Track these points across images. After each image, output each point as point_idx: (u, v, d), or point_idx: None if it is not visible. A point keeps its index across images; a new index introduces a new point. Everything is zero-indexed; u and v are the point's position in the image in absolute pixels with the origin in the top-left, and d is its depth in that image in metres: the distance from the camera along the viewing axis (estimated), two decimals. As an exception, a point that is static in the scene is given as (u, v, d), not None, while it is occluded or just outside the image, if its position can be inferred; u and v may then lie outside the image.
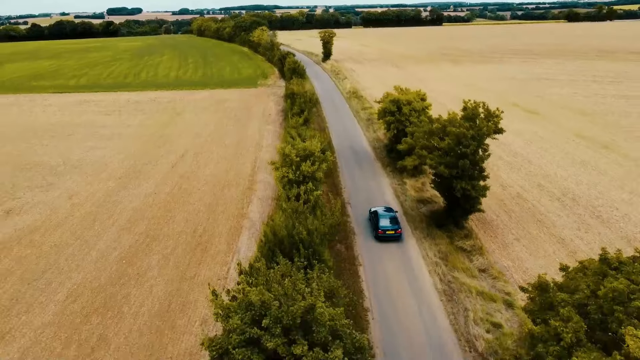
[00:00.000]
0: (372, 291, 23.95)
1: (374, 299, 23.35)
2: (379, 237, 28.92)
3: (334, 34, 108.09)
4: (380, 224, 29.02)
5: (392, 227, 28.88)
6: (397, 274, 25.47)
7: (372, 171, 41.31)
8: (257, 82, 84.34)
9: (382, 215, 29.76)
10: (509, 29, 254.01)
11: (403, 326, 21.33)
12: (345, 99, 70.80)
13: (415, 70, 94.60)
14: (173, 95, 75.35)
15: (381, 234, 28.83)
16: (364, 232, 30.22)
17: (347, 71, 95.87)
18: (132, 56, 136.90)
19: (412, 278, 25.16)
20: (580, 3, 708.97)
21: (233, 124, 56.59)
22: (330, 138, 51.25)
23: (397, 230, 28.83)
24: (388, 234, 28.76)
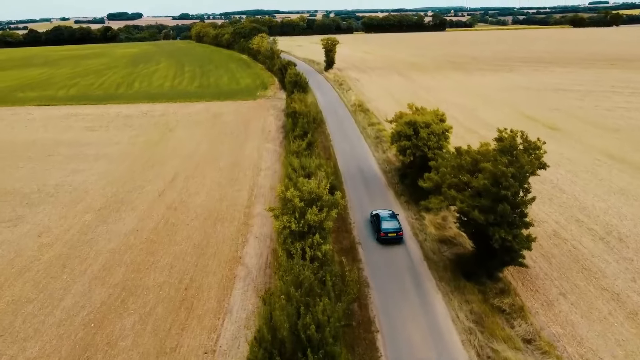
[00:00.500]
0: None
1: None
2: (380, 240, 29.93)
3: (337, 41, 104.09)
4: (383, 227, 29.92)
5: (394, 229, 29.87)
6: (424, 346, 20.93)
7: (384, 200, 36.88)
8: (256, 94, 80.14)
9: (384, 218, 30.70)
10: (513, 35, 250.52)
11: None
12: (350, 113, 66.50)
13: (423, 80, 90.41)
14: (166, 107, 71.12)
15: (383, 236, 29.81)
16: (381, 282, 25.73)
17: (351, 81, 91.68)
18: (128, 64, 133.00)
19: (443, 350, 20.64)
20: (581, 7, 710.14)
21: (229, 142, 52.25)
22: (336, 159, 47.00)
23: (398, 232, 29.85)
24: (390, 236, 29.75)
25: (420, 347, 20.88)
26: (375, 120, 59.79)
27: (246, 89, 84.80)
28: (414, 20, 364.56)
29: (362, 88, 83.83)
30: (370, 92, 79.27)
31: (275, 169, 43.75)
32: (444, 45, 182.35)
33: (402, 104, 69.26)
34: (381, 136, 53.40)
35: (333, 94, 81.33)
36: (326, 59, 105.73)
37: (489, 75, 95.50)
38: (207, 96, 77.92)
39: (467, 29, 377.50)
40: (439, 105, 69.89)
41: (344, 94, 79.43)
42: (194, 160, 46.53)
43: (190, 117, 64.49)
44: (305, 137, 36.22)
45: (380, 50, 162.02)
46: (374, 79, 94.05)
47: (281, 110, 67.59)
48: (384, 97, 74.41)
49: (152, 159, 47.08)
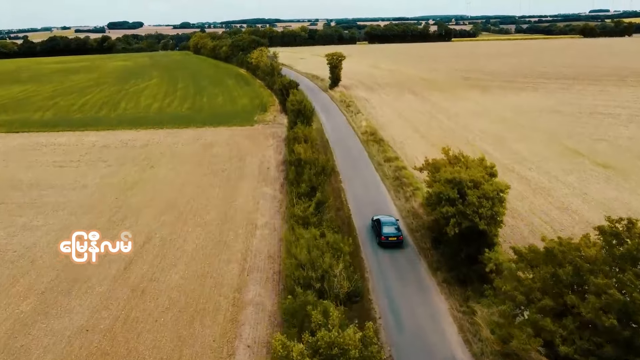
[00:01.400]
0: None
1: None
2: (381, 244, 31.87)
3: (343, 57, 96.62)
4: (384, 231, 31.99)
5: (395, 234, 32.02)
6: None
7: (415, 278, 28.80)
8: (254, 118, 72.36)
9: (385, 222, 32.83)
10: (523, 45, 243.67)
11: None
12: (361, 143, 58.54)
13: (438, 100, 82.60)
14: (151, 136, 63.28)
15: (384, 240, 31.79)
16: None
17: (359, 101, 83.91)
18: (117, 79, 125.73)
19: None
20: (582, 16, 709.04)
21: (220, 184, 44.24)
22: (349, 208, 38.97)
23: (399, 237, 32.02)
24: (390, 240, 31.78)
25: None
26: (392, 154, 51.74)
27: (243, 112, 77.04)
28: (418, 30, 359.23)
29: (372, 110, 75.98)
30: (383, 116, 71.37)
31: (274, 225, 35.69)
32: (453, 57, 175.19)
33: (421, 132, 61.47)
34: (401, 176, 45.33)
35: (340, 118, 73.49)
36: (331, 75, 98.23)
37: (512, 94, 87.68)
38: (198, 121, 70.15)
39: (473, 38, 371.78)
40: (463, 133, 62.33)
41: (353, 118, 71.58)
42: (175, 211, 38.46)
43: (177, 149, 56.56)
44: (313, 195, 28.12)
45: (388, 63, 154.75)
46: (385, 98, 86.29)
47: (282, 139, 59.70)
48: (399, 123, 66.51)
49: (124, 210, 39.01)
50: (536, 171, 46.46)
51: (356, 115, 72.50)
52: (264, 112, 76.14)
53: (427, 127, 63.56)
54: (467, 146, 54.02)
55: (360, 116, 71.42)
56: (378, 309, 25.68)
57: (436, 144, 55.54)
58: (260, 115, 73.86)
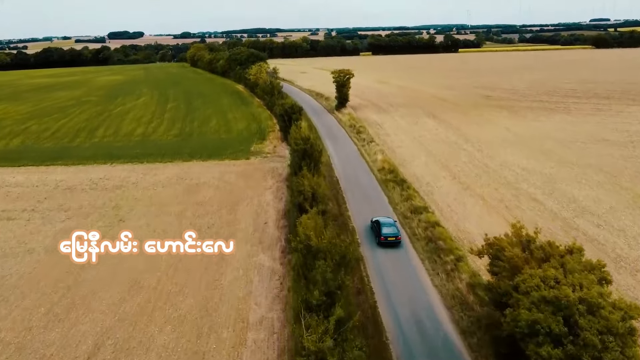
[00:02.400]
0: None
1: None
2: (381, 243, 34.77)
3: (351, 74, 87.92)
4: (383, 231, 34.97)
5: (393, 233, 34.99)
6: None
7: None
8: (251, 148, 63.35)
9: (384, 223, 35.86)
10: (537, 57, 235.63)
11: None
12: (379, 183, 49.32)
13: (463, 125, 73.59)
14: (127, 173, 54.17)
15: (383, 240, 34.71)
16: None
17: (371, 126, 74.93)
18: (104, 97, 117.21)
19: None
20: (584, 25, 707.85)
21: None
22: (371, 289, 29.69)
23: (397, 237, 34.95)
24: (389, 240, 34.65)
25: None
26: (419, 203, 42.41)
27: (238, 140, 68.05)
28: (424, 41, 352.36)
29: (387, 139, 66.89)
30: (401, 146, 62.23)
31: (273, 324, 26.46)
32: (466, 71, 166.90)
33: (450, 169, 51.85)
34: (435, 237, 35.97)
35: (350, 147, 64.36)
36: (338, 94, 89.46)
37: (543, 117, 78.66)
38: (185, 152, 61.13)
39: (479, 49, 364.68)
40: (501, 171, 52.84)
41: (366, 149, 62.44)
42: (141, 296, 29.20)
43: (156, 193, 47.33)
44: (331, 305, 18.81)
45: (397, 78, 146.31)
46: (400, 123, 77.25)
47: (283, 178, 50.59)
48: (421, 157, 57.33)
49: (72, 293, 29.74)
50: (606, 228, 37.18)
51: (369, 145, 63.36)
52: (262, 141, 67.11)
53: (456, 163, 54.36)
54: (511, 191, 44.92)
55: (374, 146, 62.27)
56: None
57: (471, 187, 46.43)
58: (257, 145, 64.81)
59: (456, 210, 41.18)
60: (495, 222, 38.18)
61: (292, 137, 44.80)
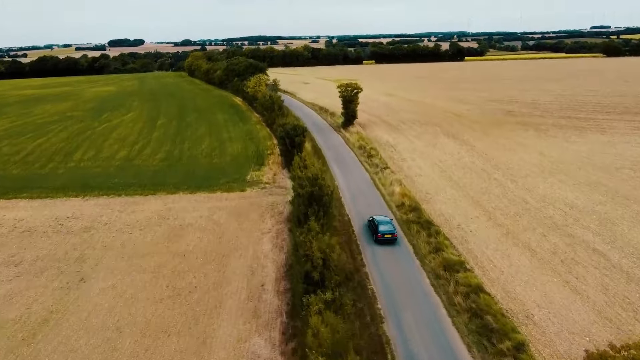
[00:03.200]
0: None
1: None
2: (378, 241, 36.90)
3: (359, 88, 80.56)
4: (380, 229, 36.95)
5: (389, 231, 36.98)
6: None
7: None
8: (247, 175, 55.78)
9: (381, 221, 37.77)
10: (546, 66, 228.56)
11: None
12: (400, 225, 41.52)
13: (488, 147, 66.05)
14: (100, 209, 46.54)
15: (380, 237, 36.78)
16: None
17: (383, 148, 67.40)
18: (90, 111, 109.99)
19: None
20: (586, 32, 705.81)
21: (180, 329, 27.27)
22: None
23: (393, 234, 37.03)
24: (386, 237, 36.76)
25: None
26: (453, 255, 34.68)
27: (233, 165, 60.48)
28: (429, 49, 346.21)
29: (403, 164, 59.25)
30: (420, 174, 54.55)
31: None
32: (478, 82, 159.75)
33: (482, 205, 43.14)
34: (481, 309, 28.40)
35: (361, 175, 56.69)
36: (345, 111, 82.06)
37: (576, 137, 71.11)
38: (171, 182, 53.57)
39: (484, 57, 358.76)
40: (544, 209, 44.74)
41: (380, 177, 54.76)
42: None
43: (131, 239, 39.66)
44: None
45: (404, 90, 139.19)
46: (416, 144, 69.66)
47: (285, 218, 42.95)
48: (446, 189, 49.63)
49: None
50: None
51: (383, 173, 55.69)
52: (261, 167, 59.54)
53: (488, 197, 46.67)
54: (563, 237, 37.23)
55: (389, 174, 54.59)
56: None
57: (513, 231, 38.85)
58: (255, 172, 57.22)
59: (500, 267, 33.43)
60: (553, 286, 30.63)
61: (295, 174, 37.18)
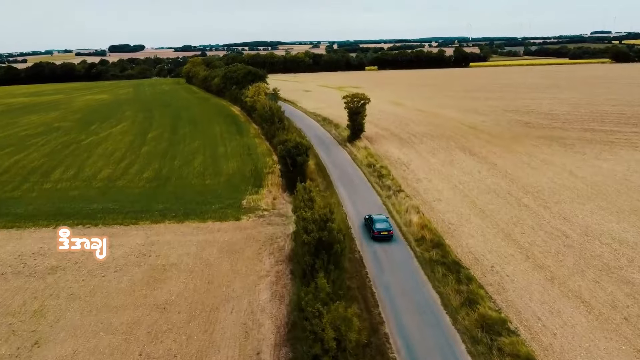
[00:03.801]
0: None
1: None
2: (374, 238, 39.08)
3: (367, 99, 74.87)
4: (376, 227, 39.15)
5: (386, 228, 39.18)
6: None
7: None
8: (243, 201, 49.88)
9: (377, 219, 40.08)
10: (554, 72, 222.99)
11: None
12: (421, 266, 35.56)
13: (511, 165, 60.20)
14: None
15: (376, 234, 38.95)
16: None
17: (394, 166, 61.55)
18: (77, 123, 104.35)
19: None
20: (587, 37, 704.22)
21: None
22: None
23: (389, 231, 39.14)
24: (382, 234, 38.93)
25: None
26: (491, 312, 28.75)
27: (227, 187, 54.65)
28: (433, 55, 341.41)
29: (418, 186, 53.33)
30: (440, 198, 48.61)
31: None
32: (487, 90, 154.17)
33: (517, 241, 36.90)
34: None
35: (372, 199, 50.74)
36: (351, 123, 76.29)
37: (607, 153, 65.23)
38: (157, 208, 47.73)
39: (489, 63, 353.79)
40: (590, 244, 38.08)
41: (393, 202, 48.84)
42: None
43: (102, 283, 33.74)
44: None
45: (411, 98, 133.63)
46: (430, 161, 63.79)
47: (285, 256, 37.03)
48: (470, 217, 43.69)
49: None
50: None
51: (397, 197, 49.79)
52: (259, 189, 53.66)
53: (521, 229, 40.74)
54: (620, 285, 31.40)
55: (403, 199, 48.68)
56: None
57: (558, 276, 33.14)
58: (252, 195, 51.32)
59: (552, 327, 27.47)
60: (621, 355, 24.59)
61: (299, 213, 31.10)
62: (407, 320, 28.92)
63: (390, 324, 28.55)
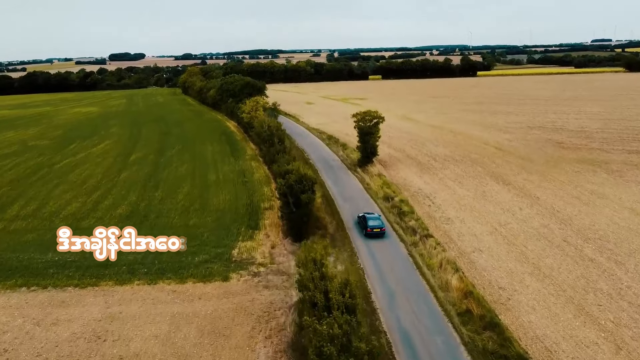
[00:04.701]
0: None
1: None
2: (367, 235, 42.27)
3: (381, 117, 65.96)
4: (369, 224, 42.41)
5: (378, 225, 42.59)
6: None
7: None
8: (234, 249, 40.71)
9: (370, 217, 43.36)
10: (570, 82, 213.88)
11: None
12: (471, 356, 26.28)
13: (556, 199, 51.11)
14: (7, 317, 31.52)
15: (369, 231, 42.14)
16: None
17: (416, 199, 52.41)
18: (56, 141, 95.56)
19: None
20: (589, 45, 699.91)
21: None
22: None
23: (382, 228, 42.50)
24: (375, 231, 42.15)
25: None
26: None
27: (216, 228, 45.53)
28: (439, 64, 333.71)
29: (450, 228, 44.12)
30: (480, 250, 39.36)
31: None
32: (505, 102, 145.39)
33: (596, 318, 27.15)
34: None
35: (394, 249, 41.45)
36: (362, 145, 67.28)
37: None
38: (124, 260, 38.49)
39: (497, 72, 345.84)
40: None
41: (421, 254, 39.61)
42: None
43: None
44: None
45: (423, 112, 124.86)
46: (459, 192, 54.61)
47: (287, 343, 27.73)
48: (524, 277, 34.46)
49: None
50: None
51: (425, 244, 40.62)
52: (254, 231, 44.52)
53: (595, 299, 31.53)
54: None
55: (434, 249, 39.49)
56: None
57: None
58: (246, 242, 42.16)
59: None
60: None
61: (306, 320, 21.81)
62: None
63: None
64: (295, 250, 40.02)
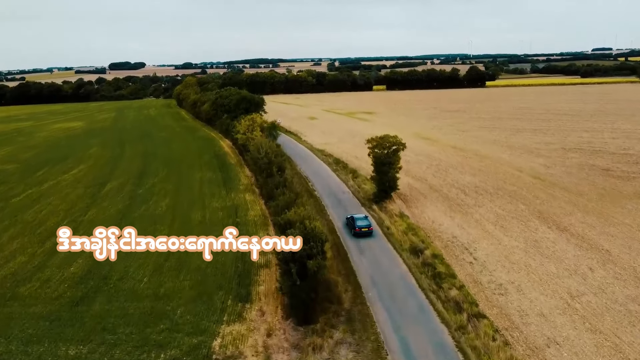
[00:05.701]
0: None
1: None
2: (356, 234, 45.38)
3: (402, 144, 55.56)
4: (357, 224, 45.54)
5: (366, 225, 45.82)
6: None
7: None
8: (215, 340, 30.16)
9: (358, 218, 46.67)
10: (588, 94, 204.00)
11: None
12: None
13: (627, 250, 40.60)
14: None
15: (358, 231, 45.21)
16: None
17: (451, 252, 41.91)
18: (22, 166, 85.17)
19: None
20: (591, 54, 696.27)
21: None
22: None
23: (369, 227, 45.67)
24: (363, 231, 45.23)
25: None
26: None
27: (193, 300, 34.97)
28: (447, 74, 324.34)
29: (506, 303, 33.50)
30: (557, 346, 28.72)
31: None
32: (527, 117, 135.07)
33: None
34: None
35: (434, 334, 30.78)
36: (378, 177, 56.81)
37: None
38: (61, 357, 27.69)
39: (506, 82, 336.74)
40: None
41: (472, 342, 29.01)
42: None
43: None
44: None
45: (441, 130, 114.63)
46: (504, 241, 44.01)
47: None
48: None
49: None
50: None
51: (476, 329, 30.10)
52: (245, 304, 33.93)
53: None
54: None
55: (489, 337, 28.92)
56: None
57: None
58: (232, 325, 31.53)
59: None
60: None
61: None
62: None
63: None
64: (299, 342, 29.45)
